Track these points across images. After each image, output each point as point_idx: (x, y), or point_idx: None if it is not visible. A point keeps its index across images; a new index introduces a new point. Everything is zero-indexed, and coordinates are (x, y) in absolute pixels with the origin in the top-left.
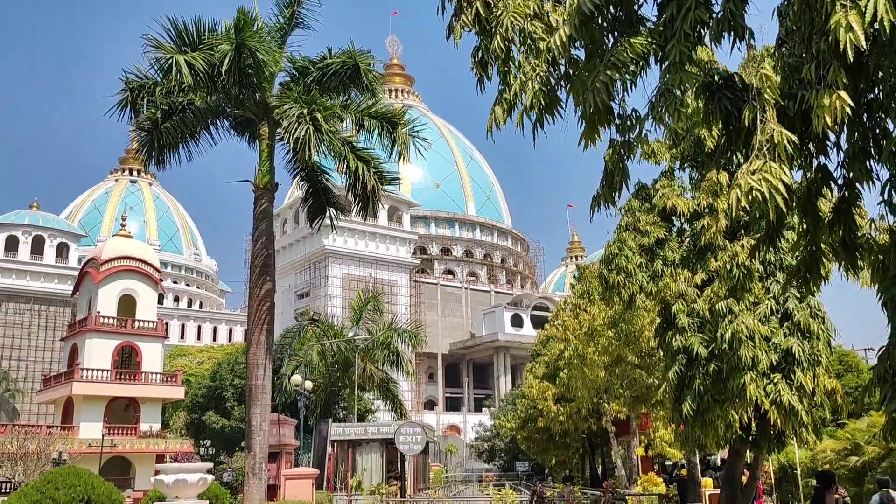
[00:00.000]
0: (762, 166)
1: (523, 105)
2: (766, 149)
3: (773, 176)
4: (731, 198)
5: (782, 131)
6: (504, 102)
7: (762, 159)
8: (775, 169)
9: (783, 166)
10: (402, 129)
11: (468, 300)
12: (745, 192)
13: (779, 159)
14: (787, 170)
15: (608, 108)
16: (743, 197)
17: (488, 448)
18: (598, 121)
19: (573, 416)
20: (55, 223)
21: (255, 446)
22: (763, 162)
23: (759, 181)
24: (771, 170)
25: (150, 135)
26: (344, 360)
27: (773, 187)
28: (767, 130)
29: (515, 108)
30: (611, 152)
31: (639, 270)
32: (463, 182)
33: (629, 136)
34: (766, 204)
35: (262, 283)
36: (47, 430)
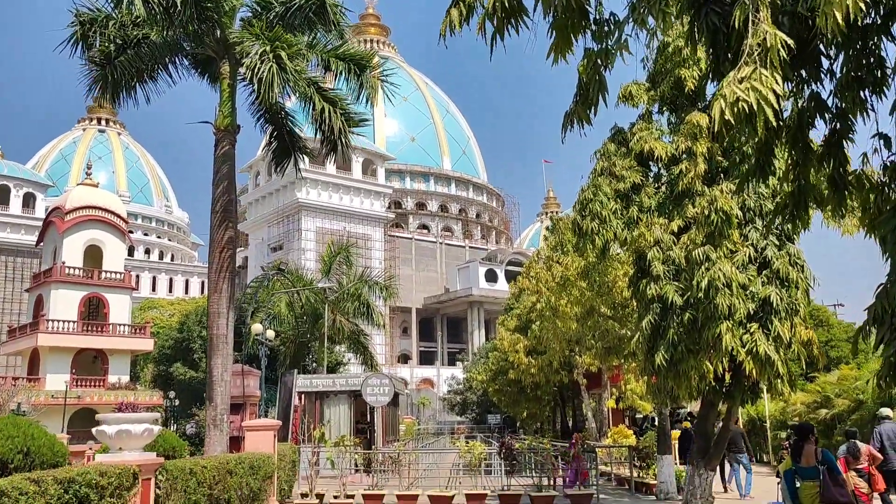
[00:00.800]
0: (751, 74)
1: (484, 8)
2: (758, 54)
3: (764, 85)
4: (713, 110)
5: (776, 33)
6: (462, 4)
7: (751, 66)
8: (766, 77)
9: (776, 74)
10: (371, 73)
11: (443, 255)
12: (731, 102)
13: (771, 66)
14: (779, 79)
15: (582, 11)
16: (727, 109)
17: (461, 401)
18: (572, 28)
19: (544, 368)
20: (21, 172)
21: (217, 397)
22: (752, 69)
23: (747, 90)
24: (761, 77)
25: (104, 69)
26: (313, 311)
27: (762, 97)
28: (760, 33)
29: (475, 12)
30: (585, 62)
31: (613, 217)
32: (439, 136)
33: (607, 42)
34: (754, 118)
35: (223, 230)
36: (12, 381)
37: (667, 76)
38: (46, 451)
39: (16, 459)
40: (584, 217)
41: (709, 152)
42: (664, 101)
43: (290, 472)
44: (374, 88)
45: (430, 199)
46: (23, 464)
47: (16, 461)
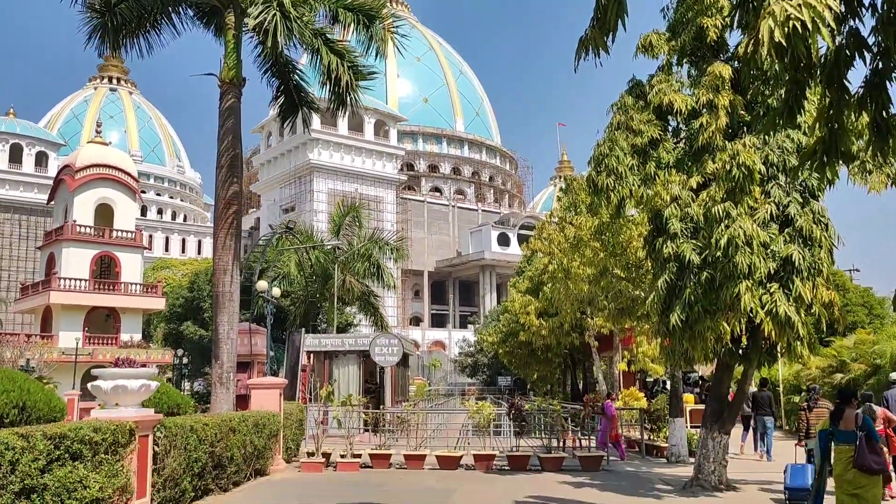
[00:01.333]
0: None
1: None
2: None
3: (819, 1)
4: (761, 30)
5: None
6: None
7: None
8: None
9: None
10: (380, 24)
11: (455, 218)
12: (781, 21)
13: None
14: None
15: None
16: (777, 29)
17: (471, 363)
18: None
19: (555, 330)
20: (33, 131)
21: (223, 355)
22: None
23: (799, 7)
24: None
25: (104, 17)
26: (323, 271)
27: (817, 15)
28: None
29: None
30: None
31: (630, 173)
32: (452, 97)
33: None
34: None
35: (228, 185)
36: (25, 338)
37: (688, 25)
38: (43, 405)
39: (11, 414)
40: (598, 173)
41: (731, 105)
42: (685, 52)
43: (297, 430)
44: (384, 40)
45: (443, 162)
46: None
47: (11, 416)
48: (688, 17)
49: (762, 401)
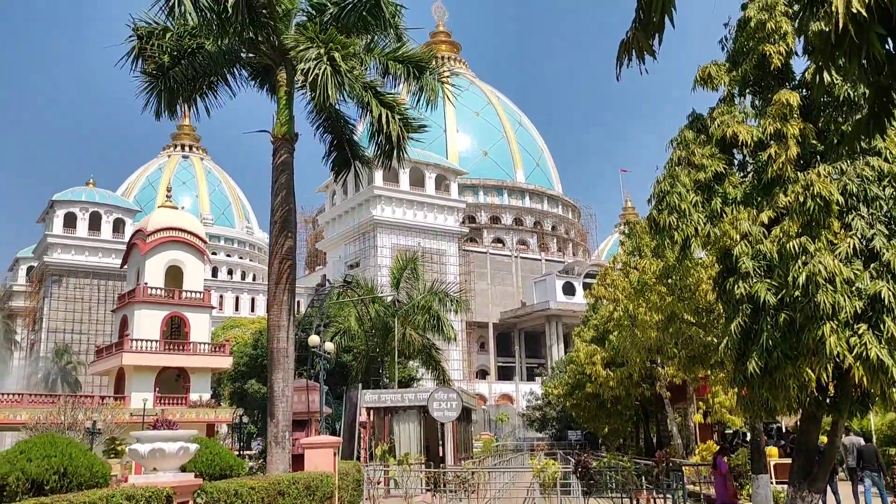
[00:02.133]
0: None
1: None
2: None
3: None
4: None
5: None
6: None
7: None
8: None
9: None
10: (430, 75)
11: (518, 269)
12: None
13: None
14: None
15: None
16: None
17: (540, 417)
18: None
19: (624, 381)
20: (110, 199)
21: (279, 413)
22: None
23: None
24: None
25: (158, 81)
26: (383, 325)
27: None
28: None
29: None
30: None
31: (694, 210)
32: (511, 149)
33: None
34: None
35: (282, 240)
36: (100, 400)
37: (749, 54)
38: (85, 471)
39: (51, 480)
40: (660, 211)
41: (801, 134)
42: (747, 82)
43: (354, 492)
44: (434, 91)
45: (505, 213)
46: (59, 485)
47: (51, 482)
48: (749, 46)
49: (868, 454)
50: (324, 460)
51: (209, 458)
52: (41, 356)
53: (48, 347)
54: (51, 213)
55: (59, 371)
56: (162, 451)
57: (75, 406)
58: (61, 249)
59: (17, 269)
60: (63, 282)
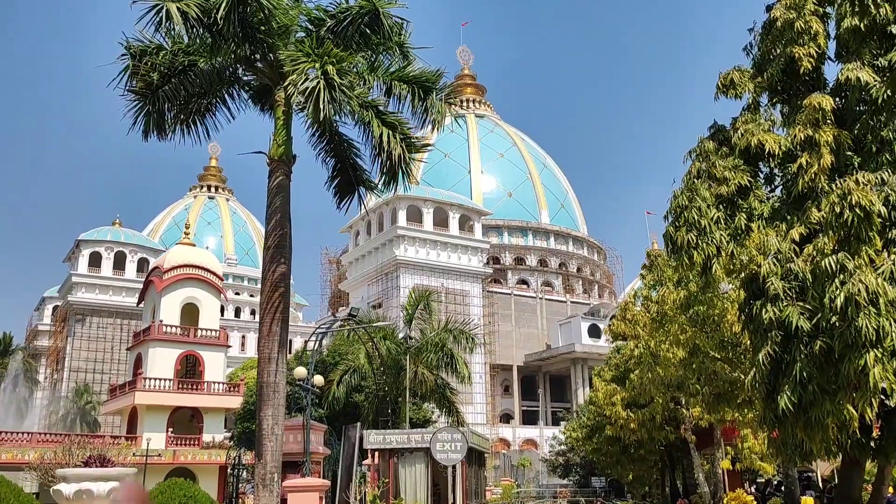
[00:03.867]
0: None
1: None
2: None
3: None
4: None
5: None
6: None
7: None
8: None
9: None
10: (436, 95)
11: (543, 310)
12: None
13: None
14: None
15: None
16: None
17: (563, 462)
18: None
19: (646, 423)
20: (135, 239)
21: (266, 453)
22: None
23: None
24: None
25: (146, 99)
26: (395, 363)
27: None
28: None
29: None
30: None
31: (715, 227)
32: (536, 190)
33: None
34: None
35: (274, 267)
36: (112, 440)
37: (776, 59)
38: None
39: None
40: (677, 228)
41: (835, 142)
42: (773, 88)
43: None
44: (441, 112)
45: (529, 254)
46: None
47: None
48: (776, 51)
49: None
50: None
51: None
52: (62, 396)
53: (69, 387)
54: (76, 253)
55: (79, 411)
56: (90, 493)
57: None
58: (86, 289)
59: (43, 308)
60: (86, 321)
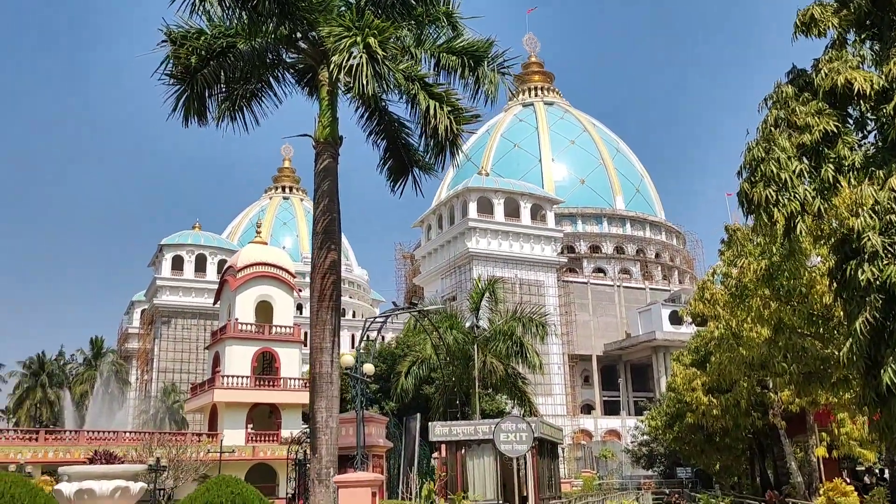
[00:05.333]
0: None
1: None
2: None
3: None
4: None
5: None
6: None
7: None
8: None
9: None
10: (488, 65)
11: (621, 298)
12: None
13: None
14: None
15: None
16: None
17: (646, 453)
18: None
19: (731, 409)
20: (215, 241)
21: (321, 447)
22: None
23: None
24: None
25: (184, 83)
26: (463, 354)
27: None
28: None
29: None
30: None
31: (798, 180)
32: (610, 176)
33: None
34: None
35: (325, 253)
36: (194, 437)
37: None
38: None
39: None
40: (752, 184)
41: None
42: (861, 23)
43: None
44: (494, 83)
45: (605, 241)
46: None
47: None
48: None
49: None
50: (360, 501)
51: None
52: (151, 395)
53: (158, 387)
54: (160, 257)
55: (167, 410)
56: (91, 493)
57: (162, 443)
58: (169, 291)
59: (132, 312)
60: (171, 323)
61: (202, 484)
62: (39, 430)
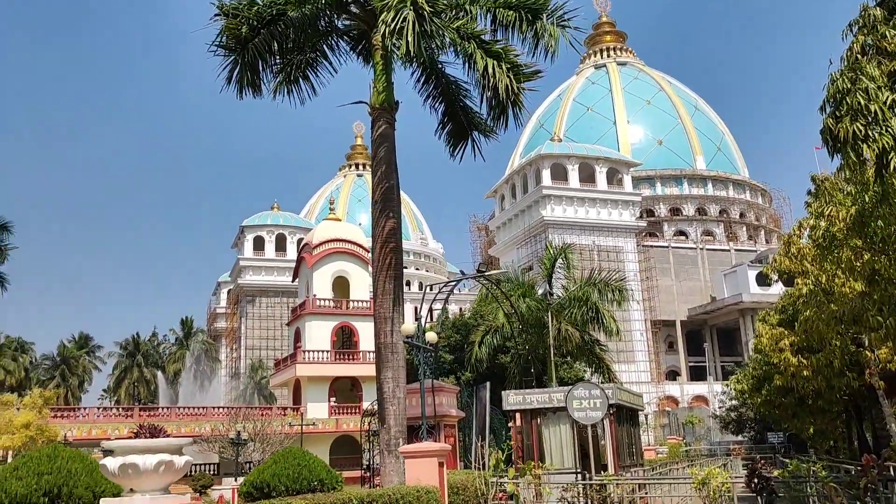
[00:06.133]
0: None
1: None
2: None
3: None
4: None
5: None
6: None
7: None
8: None
9: None
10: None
11: (705, 261)
12: None
13: None
14: None
15: None
16: None
17: (735, 418)
18: None
19: (823, 370)
20: (294, 221)
21: (389, 417)
22: None
23: None
24: None
25: (236, 54)
26: (537, 321)
27: None
28: None
29: None
30: None
31: (891, 113)
32: (689, 135)
33: None
34: None
35: (384, 221)
36: (279, 410)
37: None
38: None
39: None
40: (838, 119)
41: None
42: None
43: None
44: (554, 36)
45: (685, 203)
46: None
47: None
48: None
49: None
50: (427, 471)
51: (294, 470)
52: (241, 372)
53: (246, 364)
54: (242, 238)
55: (255, 386)
56: (135, 467)
57: (248, 417)
58: (252, 272)
59: (219, 292)
60: (256, 301)
61: (270, 456)
62: (135, 407)
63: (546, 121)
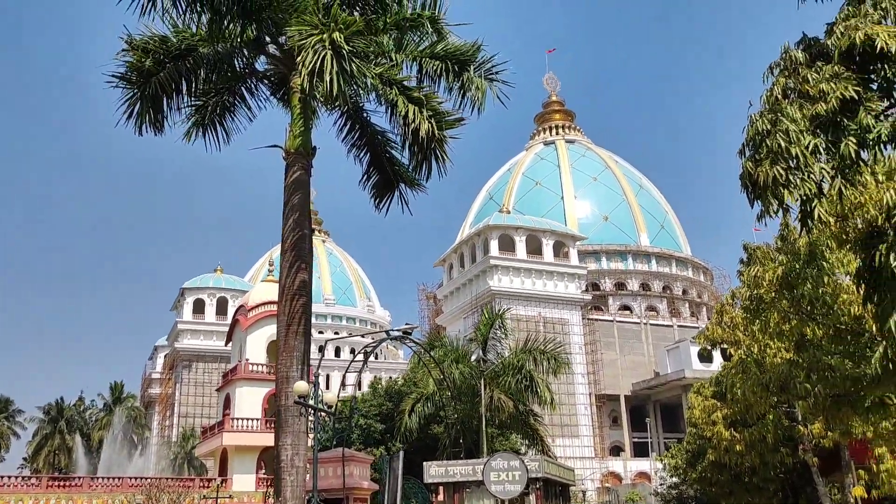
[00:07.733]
0: None
1: None
2: None
3: None
4: None
5: None
6: None
7: None
8: None
9: None
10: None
11: (649, 336)
12: None
13: None
14: None
15: None
16: None
17: (675, 496)
18: None
19: (756, 444)
20: (236, 284)
21: (286, 489)
22: None
23: None
24: None
25: (135, 86)
26: (470, 389)
27: None
28: None
29: None
30: None
31: (813, 158)
32: (634, 212)
33: None
34: None
35: (294, 272)
36: (202, 482)
37: None
38: None
39: None
40: (757, 162)
41: None
42: None
43: None
44: (481, 89)
45: (630, 278)
46: None
47: None
48: None
49: None
50: None
51: None
52: (172, 441)
53: (178, 432)
54: (181, 301)
55: (186, 455)
56: None
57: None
58: (191, 335)
59: (155, 357)
60: (192, 367)
61: None
62: (42, 477)
63: (496, 193)
